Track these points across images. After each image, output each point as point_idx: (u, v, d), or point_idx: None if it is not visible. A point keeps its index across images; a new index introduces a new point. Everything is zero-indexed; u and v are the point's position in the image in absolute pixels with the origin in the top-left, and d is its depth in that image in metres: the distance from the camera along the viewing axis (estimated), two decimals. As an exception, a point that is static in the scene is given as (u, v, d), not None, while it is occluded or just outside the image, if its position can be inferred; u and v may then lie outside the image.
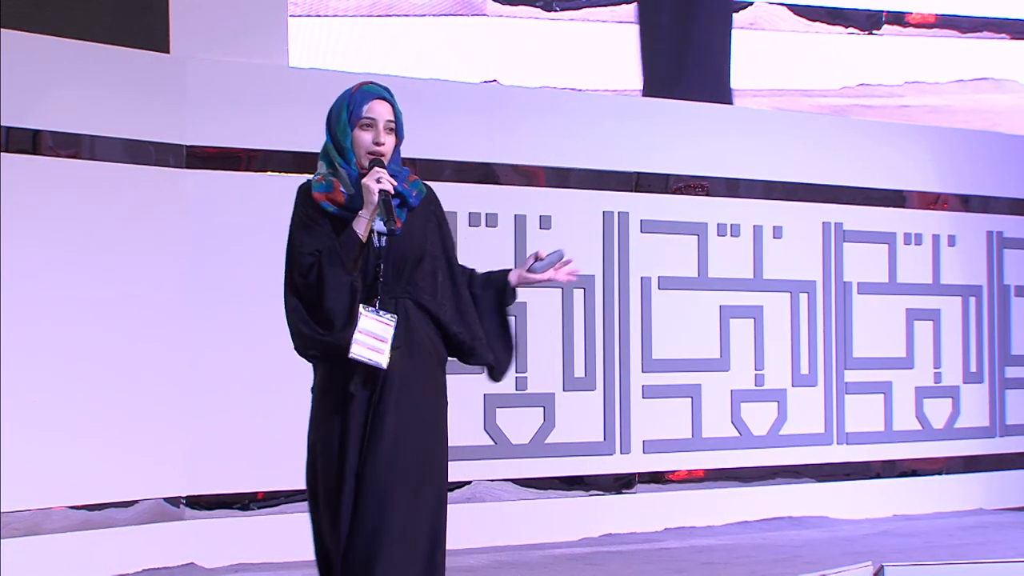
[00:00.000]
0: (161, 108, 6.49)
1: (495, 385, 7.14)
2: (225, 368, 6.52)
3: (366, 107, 3.90)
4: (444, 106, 7.23)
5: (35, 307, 6.02)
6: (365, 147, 3.89)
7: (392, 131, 3.92)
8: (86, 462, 6.13)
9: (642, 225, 7.68)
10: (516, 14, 9.85)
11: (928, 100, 10.72)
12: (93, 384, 6.18)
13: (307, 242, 3.85)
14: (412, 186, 3.94)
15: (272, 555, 6.57)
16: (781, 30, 10.46)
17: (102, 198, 6.27)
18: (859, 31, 10.61)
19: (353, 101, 3.91)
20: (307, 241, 3.85)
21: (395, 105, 3.95)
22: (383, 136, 3.89)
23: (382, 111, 3.91)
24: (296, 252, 3.86)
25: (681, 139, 7.87)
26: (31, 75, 6.07)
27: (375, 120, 3.89)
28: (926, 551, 6.94)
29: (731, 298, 7.94)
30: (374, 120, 3.89)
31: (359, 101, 3.91)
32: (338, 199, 3.87)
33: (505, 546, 7.02)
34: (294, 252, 3.86)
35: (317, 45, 8.83)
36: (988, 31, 10.94)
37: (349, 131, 3.90)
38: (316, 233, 3.85)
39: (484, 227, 7.22)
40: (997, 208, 8.92)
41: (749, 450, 7.95)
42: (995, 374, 8.82)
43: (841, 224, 8.33)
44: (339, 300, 3.81)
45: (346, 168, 3.89)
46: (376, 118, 3.90)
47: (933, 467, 8.64)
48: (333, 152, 3.92)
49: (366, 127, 3.89)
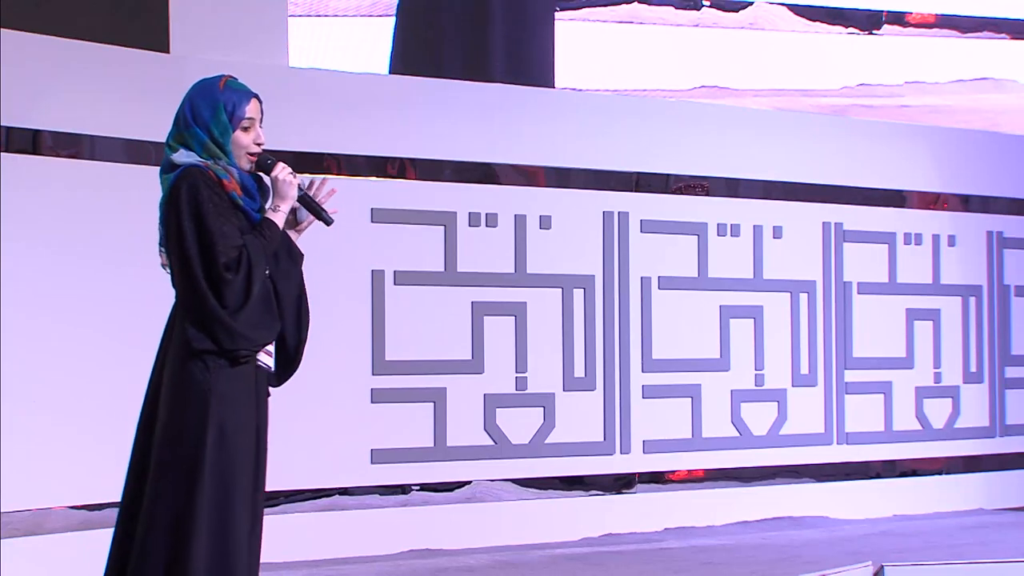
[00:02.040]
0: (161, 108, 6.45)
1: (495, 385, 7.20)
2: (225, 368, 6.51)
3: (247, 107, 3.87)
4: (444, 106, 7.23)
5: (35, 307, 6.02)
6: (246, 148, 3.86)
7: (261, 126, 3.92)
8: (86, 462, 6.12)
9: (642, 225, 7.67)
10: (516, 14, 9.84)
11: (928, 100, 10.72)
12: (93, 384, 6.17)
13: (230, 234, 3.73)
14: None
15: (272, 555, 6.55)
16: (781, 30, 10.47)
17: (102, 198, 6.27)
18: (859, 31, 10.61)
19: (230, 100, 3.86)
20: (230, 232, 3.73)
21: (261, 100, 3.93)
22: (261, 135, 3.89)
23: (257, 111, 3.90)
24: (221, 244, 3.69)
25: (681, 139, 7.87)
26: (31, 75, 6.06)
27: (254, 121, 3.88)
28: (926, 551, 6.93)
29: (731, 298, 7.94)
30: (253, 121, 3.88)
31: (237, 101, 3.86)
32: (239, 192, 3.82)
33: (505, 546, 7.02)
34: (217, 244, 3.69)
35: (317, 45, 8.82)
36: (988, 31, 10.94)
37: (230, 131, 3.83)
38: (233, 225, 3.76)
39: (484, 227, 7.22)
40: (997, 208, 8.92)
41: (749, 450, 7.95)
42: (995, 374, 8.82)
43: (841, 224, 8.32)
44: (266, 299, 3.78)
45: (237, 168, 3.84)
46: (255, 118, 3.89)
47: (933, 467, 8.63)
48: (213, 148, 3.82)
49: (246, 128, 3.86)
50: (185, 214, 3.71)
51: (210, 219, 3.70)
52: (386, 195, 6.96)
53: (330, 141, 6.90)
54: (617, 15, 9.90)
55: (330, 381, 6.71)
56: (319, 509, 6.77)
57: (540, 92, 7.88)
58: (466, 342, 7.14)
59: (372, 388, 6.83)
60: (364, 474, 6.82)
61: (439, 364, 7.02)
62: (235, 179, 3.82)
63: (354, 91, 7.06)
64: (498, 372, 7.22)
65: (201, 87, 3.93)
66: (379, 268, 6.92)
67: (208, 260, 3.69)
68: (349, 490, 6.86)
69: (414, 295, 6.99)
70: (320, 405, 6.69)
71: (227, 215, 3.75)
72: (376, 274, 6.92)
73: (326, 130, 6.87)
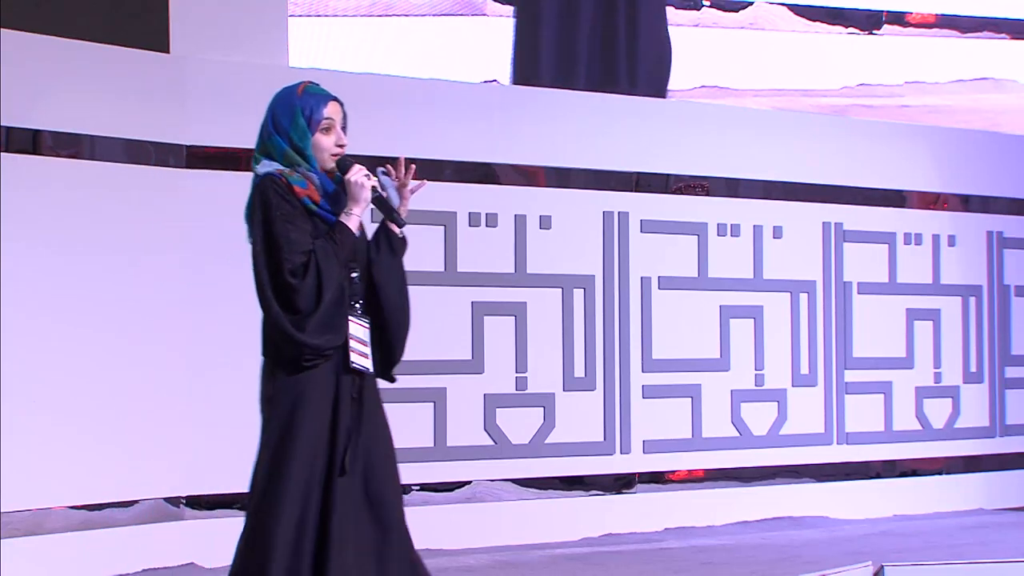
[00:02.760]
0: (161, 108, 6.49)
1: (495, 385, 7.20)
2: (225, 368, 6.51)
3: (324, 109, 3.89)
4: (444, 106, 7.23)
5: (35, 307, 6.02)
6: (328, 150, 3.89)
7: (344, 128, 3.95)
8: (86, 462, 6.13)
9: (642, 225, 7.67)
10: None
11: (928, 100, 10.72)
12: (93, 384, 6.17)
13: (297, 240, 3.76)
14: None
15: (272, 555, 6.57)
16: (781, 30, 10.46)
17: (102, 198, 6.27)
18: (859, 31, 10.60)
19: (307, 105, 3.89)
20: (297, 239, 3.76)
21: (343, 104, 3.96)
22: (343, 137, 3.92)
23: (338, 112, 3.93)
24: (287, 250, 3.74)
25: (681, 139, 7.87)
26: (31, 75, 6.07)
27: (334, 123, 3.91)
28: (926, 551, 6.93)
29: (731, 298, 7.94)
30: (333, 123, 3.90)
31: (314, 104, 3.89)
32: (315, 197, 3.84)
33: (505, 546, 7.02)
34: (283, 249, 3.74)
35: (317, 45, 8.82)
36: (988, 31, 10.94)
37: (309, 135, 3.87)
38: (302, 231, 3.78)
39: (484, 227, 7.22)
40: (997, 208, 8.92)
41: (749, 450, 7.95)
42: (995, 374, 8.82)
43: (841, 224, 8.33)
44: (338, 303, 3.78)
45: (316, 173, 3.87)
46: (335, 120, 3.91)
47: (933, 467, 8.64)
48: (292, 155, 3.86)
49: (326, 130, 3.89)
50: (255, 223, 3.80)
51: (276, 226, 3.75)
52: (386, 195, 6.95)
53: (330, 141, 6.90)
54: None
55: (330, 381, 6.70)
56: (319, 509, 6.76)
57: (540, 92, 7.88)
58: (466, 342, 7.15)
59: (372, 388, 6.83)
60: (364, 474, 6.81)
61: (439, 364, 7.02)
62: (313, 184, 3.84)
63: (354, 91, 7.02)
64: (498, 372, 7.22)
65: (280, 95, 3.96)
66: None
67: (274, 267, 3.75)
68: (349, 490, 6.85)
69: (414, 295, 6.93)
70: (320, 405, 6.69)
71: (298, 221, 3.77)
72: (376, 274, 6.91)
73: (326, 130, 6.87)
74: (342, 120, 3.93)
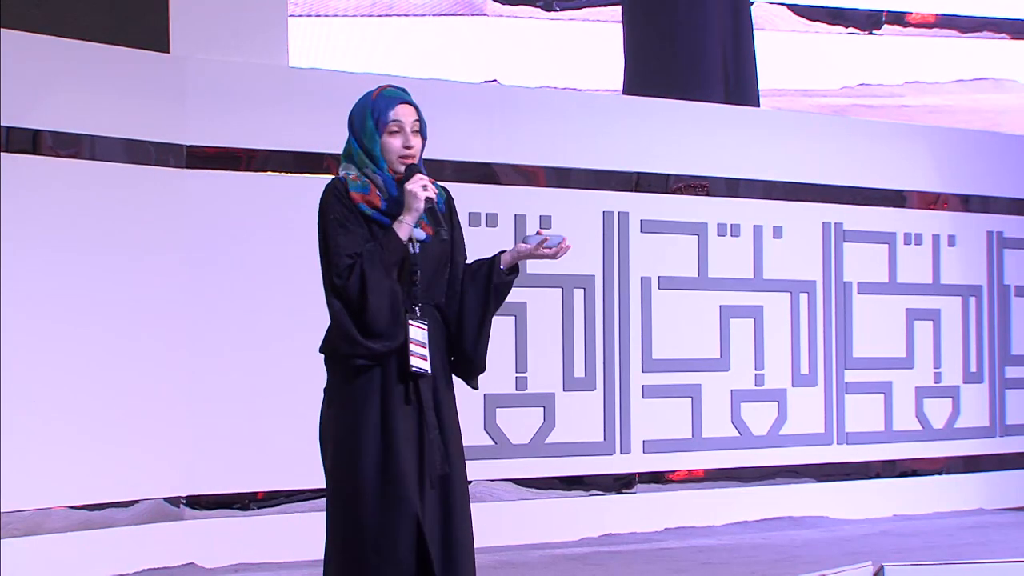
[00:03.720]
0: (161, 108, 6.49)
1: (495, 385, 7.19)
2: (225, 368, 6.52)
3: (392, 112, 3.88)
4: (444, 106, 7.23)
5: (35, 307, 6.02)
6: (396, 152, 3.88)
7: (418, 133, 3.92)
8: (86, 462, 6.13)
9: (642, 225, 7.67)
10: (516, 14, 9.86)
11: (928, 100, 10.73)
12: (93, 384, 6.17)
13: (345, 243, 3.79)
14: (438, 193, 3.95)
15: (272, 555, 6.57)
16: (781, 30, 10.47)
17: (102, 198, 6.27)
18: (859, 31, 10.61)
19: (377, 107, 3.89)
20: (345, 242, 3.79)
21: (417, 107, 3.94)
22: (412, 139, 3.89)
23: (408, 114, 3.90)
24: (334, 253, 3.79)
25: (681, 139, 7.87)
26: (31, 75, 6.07)
27: (402, 124, 3.88)
28: (926, 551, 6.94)
29: (731, 298, 7.94)
30: (401, 124, 3.88)
31: (383, 107, 3.89)
32: (375, 202, 3.85)
33: (505, 546, 7.02)
34: (332, 252, 3.80)
35: (317, 45, 8.83)
36: (988, 31, 10.95)
37: (377, 137, 3.87)
38: (353, 234, 3.81)
39: (484, 227, 7.22)
40: (997, 208, 8.92)
41: (749, 450, 7.95)
42: (995, 374, 8.82)
43: (841, 224, 8.33)
44: (384, 305, 3.79)
45: (381, 174, 3.87)
46: (403, 122, 3.89)
47: (933, 467, 8.64)
48: (362, 157, 3.89)
49: (394, 132, 3.88)
50: (318, 225, 3.86)
51: (331, 229, 3.81)
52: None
53: (330, 141, 6.86)
54: (617, 15, 9.90)
55: (330, 381, 6.71)
56: (319, 509, 6.76)
57: (540, 92, 7.89)
58: (466, 342, 7.14)
59: (372, 388, 6.82)
60: (364, 474, 6.81)
61: (439, 364, 7.01)
62: (377, 188, 3.86)
63: (354, 91, 7.02)
64: (498, 372, 7.20)
65: (359, 100, 3.97)
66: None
67: (325, 268, 3.82)
68: (349, 490, 6.85)
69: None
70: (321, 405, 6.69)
71: (351, 225, 3.81)
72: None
73: (326, 130, 6.84)
74: (413, 123, 3.91)
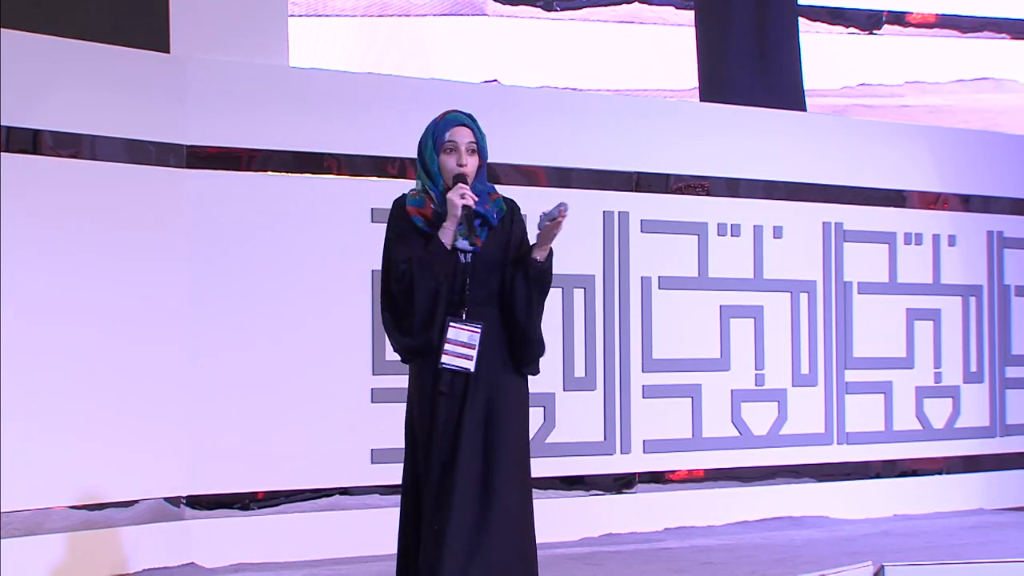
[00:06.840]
0: (161, 108, 6.49)
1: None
2: (225, 368, 6.52)
3: (448, 133, 4.37)
4: (444, 106, 7.20)
5: (35, 307, 6.02)
6: (450, 170, 4.35)
7: (474, 152, 4.39)
8: (86, 462, 6.13)
9: (642, 225, 7.67)
10: (516, 14, 9.87)
11: (928, 100, 10.74)
12: (93, 384, 6.17)
13: (401, 251, 4.32)
14: (493, 206, 4.41)
15: (272, 555, 6.58)
16: (781, 30, 10.46)
17: (102, 198, 6.27)
18: (859, 31, 10.62)
19: (438, 129, 4.38)
20: (401, 250, 4.33)
21: (475, 129, 4.42)
22: (465, 158, 4.35)
23: (463, 135, 4.38)
24: (392, 261, 4.34)
25: (681, 139, 7.87)
26: (31, 75, 6.06)
27: (457, 144, 4.36)
28: (926, 551, 6.94)
29: (731, 298, 7.94)
30: (456, 144, 4.36)
31: (442, 129, 4.38)
32: (427, 214, 4.33)
33: (505, 546, 7.00)
34: (390, 261, 4.34)
35: (317, 45, 8.84)
36: (988, 31, 10.96)
37: (435, 157, 4.37)
38: (409, 243, 4.32)
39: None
40: (997, 208, 8.92)
41: (749, 450, 7.95)
42: (995, 374, 8.82)
43: (841, 224, 8.33)
44: (424, 303, 4.27)
45: (435, 190, 4.35)
46: (458, 142, 4.36)
47: (933, 467, 8.64)
48: (423, 175, 4.38)
49: (449, 151, 4.36)
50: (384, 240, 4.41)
51: (390, 242, 4.39)
52: (386, 195, 6.89)
53: (330, 141, 6.90)
54: (617, 15, 9.91)
55: (331, 381, 6.71)
56: (319, 509, 6.77)
57: (540, 92, 7.89)
58: (466, 342, 7.13)
59: (372, 388, 6.83)
60: (364, 474, 6.81)
61: (439, 364, 7.01)
62: (432, 202, 4.34)
63: (354, 91, 7.06)
64: (498, 372, 7.21)
65: (431, 121, 4.45)
66: (379, 268, 6.90)
67: (384, 278, 4.39)
68: (349, 490, 6.85)
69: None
70: (321, 405, 6.70)
71: (409, 237, 4.34)
72: (376, 274, 6.89)
73: (326, 130, 6.87)
74: (468, 144, 4.37)
